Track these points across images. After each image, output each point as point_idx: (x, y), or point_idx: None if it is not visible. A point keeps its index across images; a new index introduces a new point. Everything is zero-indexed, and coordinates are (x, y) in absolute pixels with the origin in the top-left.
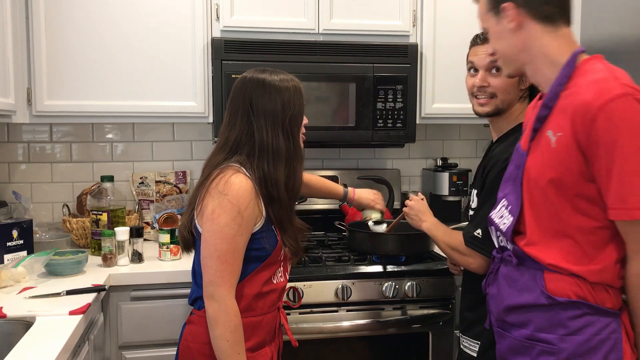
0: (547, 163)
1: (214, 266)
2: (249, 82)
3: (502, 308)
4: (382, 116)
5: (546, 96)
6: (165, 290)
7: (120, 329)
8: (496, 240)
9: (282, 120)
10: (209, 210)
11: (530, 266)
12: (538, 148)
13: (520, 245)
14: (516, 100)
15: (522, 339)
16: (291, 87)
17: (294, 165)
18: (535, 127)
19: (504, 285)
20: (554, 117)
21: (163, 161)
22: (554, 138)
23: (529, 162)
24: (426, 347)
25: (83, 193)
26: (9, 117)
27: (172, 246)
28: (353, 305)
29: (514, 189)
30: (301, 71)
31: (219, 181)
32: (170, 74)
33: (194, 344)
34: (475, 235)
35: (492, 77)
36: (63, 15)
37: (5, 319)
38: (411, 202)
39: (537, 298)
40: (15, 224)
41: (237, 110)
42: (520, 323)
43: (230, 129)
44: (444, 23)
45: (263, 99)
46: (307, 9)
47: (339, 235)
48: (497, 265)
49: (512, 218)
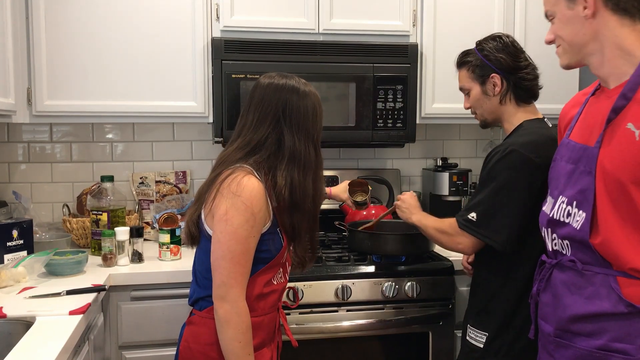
0: (630, 158)
1: (227, 267)
2: (283, 88)
3: (565, 317)
4: (382, 116)
5: (625, 86)
6: (165, 290)
7: (120, 329)
8: (550, 243)
9: (313, 131)
10: (221, 211)
11: (599, 271)
12: (615, 141)
13: (595, 245)
14: (496, 105)
15: (593, 349)
16: (315, 95)
17: (320, 179)
18: (610, 117)
19: (565, 293)
20: (635, 109)
21: (163, 161)
22: (638, 131)
23: (604, 155)
24: (426, 347)
25: (83, 193)
26: (9, 117)
27: (172, 246)
28: (353, 305)
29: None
30: (301, 71)
31: (231, 182)
32: (170, 74)
33: (195, 345)
34: (469, 218)
35: (466, 99)
36: (63, 15)
37: (5, 319)
38: (403, 196)
39: (615, 306)
40: (16, 224)
41: (268, 114)
42: (590, 332)
43: (255, 131)
44: (444, 23)
45: (299, 107)
46: (307, 9)
47: (339, 235)
48: (548, 271)
49: (584, 214)
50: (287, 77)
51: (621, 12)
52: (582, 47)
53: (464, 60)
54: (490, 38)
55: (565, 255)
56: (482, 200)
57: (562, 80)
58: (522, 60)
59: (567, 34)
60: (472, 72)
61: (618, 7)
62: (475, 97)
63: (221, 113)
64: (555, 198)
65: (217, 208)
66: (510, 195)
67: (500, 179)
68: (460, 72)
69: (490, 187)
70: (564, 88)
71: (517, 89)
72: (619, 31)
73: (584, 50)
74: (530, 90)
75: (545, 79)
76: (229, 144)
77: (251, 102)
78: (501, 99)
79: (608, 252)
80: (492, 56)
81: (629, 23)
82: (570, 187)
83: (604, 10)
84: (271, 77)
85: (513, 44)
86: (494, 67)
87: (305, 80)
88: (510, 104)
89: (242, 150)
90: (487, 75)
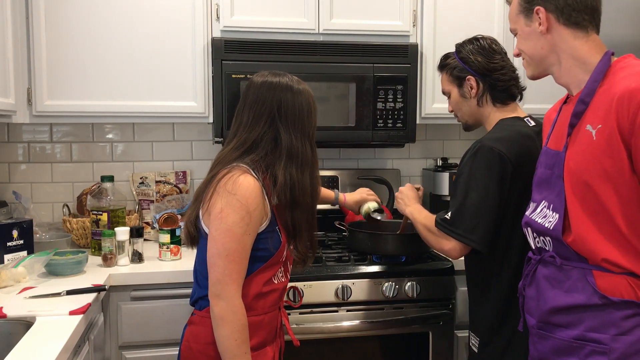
0: (590, 157)
1: (222, 265)
2: (277, 87)
3: (545, 309)
4: (382, 116)
5: (582, 92)
6: (165, 290)
7: (121, 329)
8: (532, 241)
9: (308, 128)
10: (217, 209)
11: (577, 265)
12: (577, 143)
13: (568, 242)
14: (475, 107)
15: (570, 339)
16: (309, 92)
17: (316, 176)
18: (572, 122)
19: (546, 287)
20: (592, 112)
21: (163, 161)
22: (594, 131)
23: (569, 158)
24: (426, 347)
25: (83, 193)
26: (9, 117)
27: (172, 246)
28: (353, 305)
29: (552, 188)
30: (301, 71)
31: (227, 180)
32: (171, 74)
33: (195, 345)
34: (445, 217)
35: (449, 102)
36: (63, 15)
37: (5, 319)
38: (403, 188)
39: (590, 298)
40: (16, 224)
41: (263, 113)
42: (568, 323)
43: (251, 130)
44: (444, 23)
45: (294, 104)
46: (307, 9)
47: (339, 235)
48: (533, 267)
49: (557, 215)
50: (280, 75)
51: (573, 26)
52: (542, 60)
53: (444, 64)
54: (468, 41)
55: (548, 251)
56: (455, 198)
57: None
58: (498, 61)
59: (528, 48)
60: (451, 75)
61: (570, 21)
62: (455, 100)
63: (221, 113)
64: (537, 202)
65: (213, 207)
66: (481, 190)
67: (470, 176)
68: (442, 76)
69: (461, 185)
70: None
71: (493, 91)
72: (573, 43)
73: (544, 62)
74: (507, 90)
75: (543, 79)
76: (226, 144)
77: (245, 101)
78: (478, 101)
79: (581, 248)
80: (468, 59)
81: (582, 35)
82: (550, 192)
83: (557, 25)
84: (264, 75)
85: (491, 45)
86: (470, 69)
87: (304, 79)
88: (488, 106)
89: (238, 149)
90: (464, 77)
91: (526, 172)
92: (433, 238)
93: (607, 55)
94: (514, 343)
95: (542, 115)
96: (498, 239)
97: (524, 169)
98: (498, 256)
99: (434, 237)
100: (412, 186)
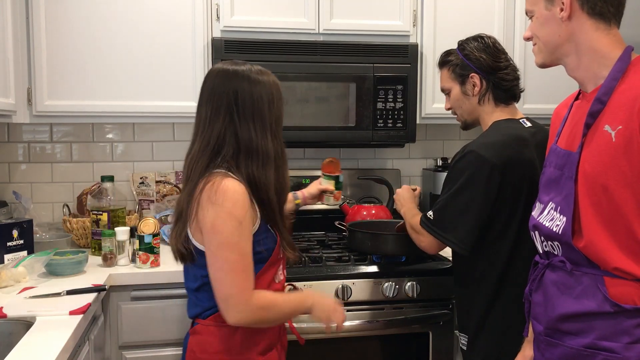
0: (608, 159)
1: (228, 278)
2: (233, 76)
3: (553, 316)
4: (382, 116)
5: (600, 90)
6: (165, 290)
7: (120, 329)
8: (540, 245)
9: (269, 120)
10: (208, 225)
11: (587, 271)
12: (593, 144)
13: (580, 248)
14: (475, 105)
15: (580, 347)
16: (272, 82)
17: (282, 168)
18: (588, 122)
19: (555, 293)
20: (610, 112)
21: (163, 161)
22: (614, 132)
23: (584, 159)
24: (426, 347)
25: (83, 193)
26: (9, 117)
27: None
28: (353, 305)
29: (560, 190)
30: (301, 71)
31: (209, 190)
32: (171, 74)
33: (203, 355)
34: (427, 216)
35: (447, 100)
36: (63, 15)
37: (5, 319)
38: (400, 189)
39: (601, 305)
40: (16, 224)
41: (220, 106)
42: (578, 331)
43: (212, 127)
44: (444, 23)
45: (251, 95)
46: (307, 9)
47: (339, 235)
48: (541, 271)
49: (565, 218)
50: (239, 64)
51: (597, 16)
52: (556, 48)
53: (445, 60)
54: (472, 38)
55: (557, 256)
56: (441, 200)
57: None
58: (502, 60)
59: (544, 34)
60: (453, 72)
61: (594, 11)
62: (455, 97)
63: None
64: (544, 204)
65: (203, 223)
66: (466, 195)
67: (458, 180)
68: (442, 72)
69: (448, 187)
70: (561, 88)
71: (496, 90)
72: (594, 34)
73: (558, 51)
74: (510, 90)
75: (543, 79)
76: (190, 144)
77: (203, 93)
78: (480, 99)
79: (593, 254)
80: (472, 56)
81: (604, 27)
82: (559, 194)
83: (580, 13)
84: (223, 64)
85: (494, 44)
86: (474, 66)
87: (304, 79)
88: (489, 105)
89: (205, 151)
90: (467, 74)
91: (517, 178)
92: (415, 235)
93: (627, 51)
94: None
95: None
96: (483, 243)
97: (515, 174)
98: (483, 260)
99: (415, 234)
100: (408, 187)
